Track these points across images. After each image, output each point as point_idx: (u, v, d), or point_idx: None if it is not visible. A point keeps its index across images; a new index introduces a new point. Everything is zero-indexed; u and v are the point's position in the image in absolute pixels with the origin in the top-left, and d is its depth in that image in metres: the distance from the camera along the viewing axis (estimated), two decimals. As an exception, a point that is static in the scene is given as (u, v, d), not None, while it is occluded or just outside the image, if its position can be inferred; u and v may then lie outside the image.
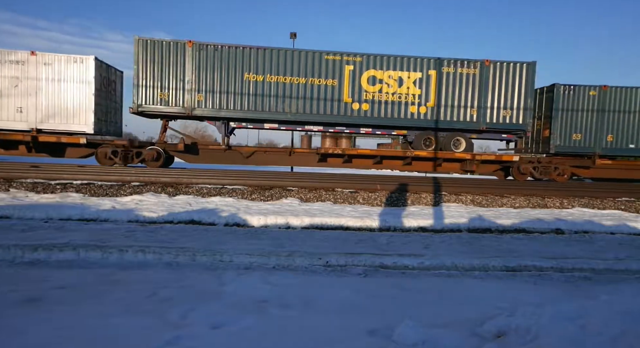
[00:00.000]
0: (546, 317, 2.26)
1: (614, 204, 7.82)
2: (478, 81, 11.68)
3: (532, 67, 11.67)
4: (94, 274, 2.96)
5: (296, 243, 4.21)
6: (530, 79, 11.69)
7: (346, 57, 11.46)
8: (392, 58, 11.59)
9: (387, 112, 11.67)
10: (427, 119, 11.77)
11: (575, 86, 12.25)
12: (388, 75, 11.57)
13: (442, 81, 11.67)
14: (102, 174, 8.48)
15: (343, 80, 11.52)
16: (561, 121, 12.34)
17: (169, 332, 2.00)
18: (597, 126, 12.33)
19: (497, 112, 11.84)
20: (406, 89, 11.64)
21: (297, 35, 18.55)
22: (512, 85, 11.73)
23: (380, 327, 2.14)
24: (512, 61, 11.74)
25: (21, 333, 1.96)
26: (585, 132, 12.36)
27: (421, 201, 7.75)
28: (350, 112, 11.61)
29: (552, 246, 4.55)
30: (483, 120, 11.79)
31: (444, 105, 11.80)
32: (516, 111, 11.79)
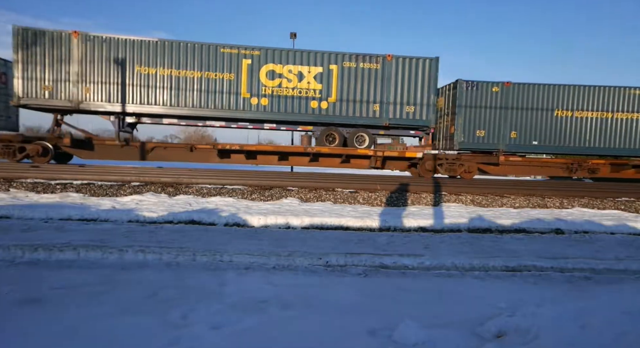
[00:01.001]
0: (546, 317, 2.26)
1: (614, 204, 7.82)
2: (380, 76, 11.56)
3: (435, 62, 11.57)
4: (94, 274, 2.96)
5: (296, 243, 4.21)
6: (434, 75, 11.59)
7: (244, 51, 11.27)
8: (291, 52, 11.42)
9: (287, 107, 11.51)
10: (329, 114, 11.61)
11: (478, 82, 12.18)
12: (288, 69, 11.41)
13: (343, 75, 11.53)
14: (102, 174, 8.48)
15: (241, 74, 11.32)
16: (465, 118, 12.26)
17: (169, 332, 2.00)
18: (500, 122, 12.28)
19: (401, 108, 11.72)
20: (307, 84, 11.49)
21: (297, 36, 18.53)
22: (415, 80, 11.63)
23: (380, 327, 2.14)
24: (415, 56, 11.63)
25: (21, 333, 1.96)
26: (489, 128, 12.31)
27: (421, 201, 7.75)
28: (249, 107, 11.41)
29: (552, 246, 4.54)
30: (386, 116, 11.67)
31: (346, 100, 11.65)
32: (420, 106, 11.70)
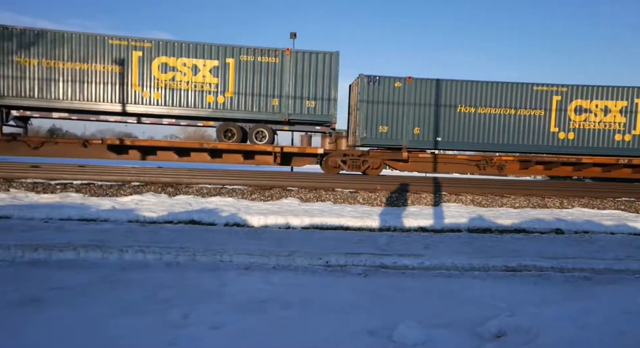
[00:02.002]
0: (546, 317, 2.26)
1: (614, 204, 7.82)
2: (280, 70, 11.37)
3: (335, 57, 11.43)
4: (94, 274, 2.96)
5: (296, 243, 4.21)
6: (335, 70, 11.45)
7: (133, 43, 10.97)
8: (185, 45, 11.14)
9: (182, 101, 11.22)
10: (226, 109, 11.39)
11: (380, 77, 11.97)
12: (182, 62, 11.14)
13: (241, 69, 11.30)
14: (102, 174, 8.48)
15: (131, 67, 11.01)
16: (367, 113, 12.02)
17: (169, 332, 2.00)
18: (403, 118, 12.08)
19: (301, 103, 11.54)
20: (202, 78, 11.24)
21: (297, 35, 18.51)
22: (316, 75, 11.46)
23: (380, 327, 2.14)
24: (315, 51, 11.49)
25: (21, 333, 1.96)
26: (391, 124, 12.09)
27: (421, 201, 7.74)
28: (142, 101, 11.11)
29: (552, 246, 4.54)
30: (286, 111, 11.50)
31: (244, 95, 11.42)
32: (320, 101, 11.54)
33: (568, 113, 12.18)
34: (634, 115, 12.16)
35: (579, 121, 12.20)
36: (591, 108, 12.16)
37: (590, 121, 12.20)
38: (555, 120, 12.21)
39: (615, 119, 12.17)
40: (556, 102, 12.16)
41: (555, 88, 12.19)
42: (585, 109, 12.17)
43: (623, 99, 12.14)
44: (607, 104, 12.15)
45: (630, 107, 12.16)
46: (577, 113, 12.16)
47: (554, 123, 12.23)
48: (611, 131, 12.22)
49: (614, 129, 12.21)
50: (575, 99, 12.16)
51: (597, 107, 12.16)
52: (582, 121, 12.21)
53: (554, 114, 12.18)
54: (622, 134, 12.23)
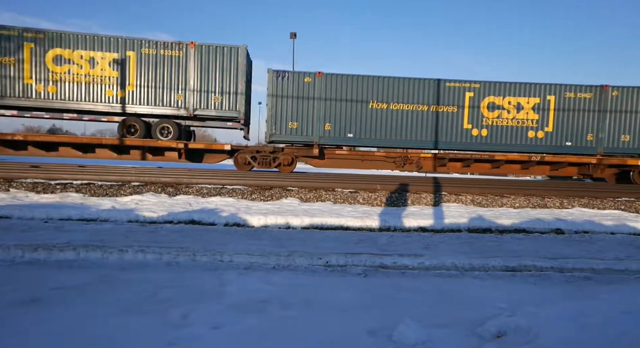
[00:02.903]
0: (546, 317, 2.26)
1: (614, 204, 7.82)
2: (184, 64, 11.14)
3: (242, 51, 11.30)
4: (94, 274, 2.96)
5: (296, 243, 4.21)
6: (242, 64, 11.31)
7: (25, 34, 10.61)
8: (81, 36, 10.85)
9: (79, 95, 10.87)
10: (127, 103, 11.10)
11: (289, 71, 11.82)
12: (79, 55, 10.79)
13: (142, 62, 11.03)
14: (102, 174, 8.48)
15: (22, 58, 10.61)
16: (276, 109, 11.84)
17: (169, 332, 2.00)
18: (314, 114, 11.91)
19: (207, 97, 11.35)
20: (100, 71, 10.89)
21: (297, 35, 18.55)
22: (222, 70, 11.30)
23: (380, 327, 2.14)
24: (221, 45, 11.31)
25: (21, 333, 1.96)
26: (302, 120, 11.90)
27: (421, 201, 7.74)
28: (35, 95, 10.71)
29: (552, 246, 4.54)
30: (191, 106, 11.31)
31: (147, 89, 11.15)
32: (228, 96, 11.38)
33: (481, 110, 12.10)
34: (546, 112, 12.12)
35: (492, 118, 12.12)
36: (504, 105, 12.10)
37: (503, 117, 12.14)
38: (469, 117, 12.12)
39: (528, 116, 12.14)
40: (469, 98, 12.06)
41: (467, 84, 12.08)
42: (498, 105, 12.10)
43: (535, 96, 12.09)
44: (520, 101, 12.11)
45: (543, 104, 12.13)
46: (490, 110, 12.08)
47: (467, 120, 12.13)
48: (524, 128, 12.16)
49: (527, 126, 12.16)
50: (488, 96, 12.06)
51: (509, 104, 12.10)
52: (495, 117, 12.13)
53: (466, 110, 12.09)
54: (535, 131, 12.17)
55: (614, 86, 12.11)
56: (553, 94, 12.08)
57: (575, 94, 12.06)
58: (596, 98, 12.08)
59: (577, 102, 12.10)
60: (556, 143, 12.19)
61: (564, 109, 12.13)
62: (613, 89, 12.10)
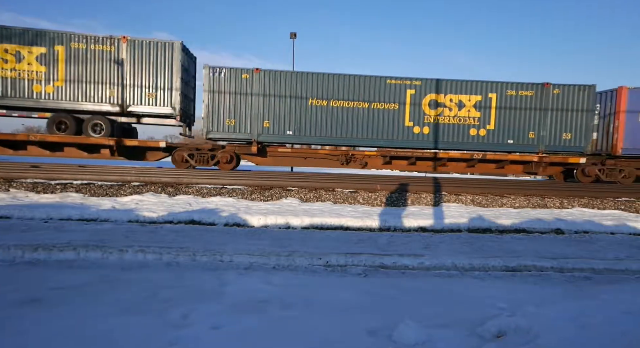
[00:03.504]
0: (546, 317, 2.26)
1: (614, 204, 7.82)
2: (117, 59, 10.96)
3: (177, 47, 11.17)
4: (94, 274, 2.96)
5: (296, 243, 4.21)
6: (177, 60, 11.15)
7: None
8: (5, 30, 10.62)
9: (5, 91, 10.66)
10: (56, 99, 10.84)
11: (226, 68, 11.62)
12: (3, 49, 10.60)
13: (72, 57, 10.81)
14: (102, 174, 8.48)
15: None
16: (214, 106, 11.56)
17: (169, 332, 2.00)
18: (251, 111, 11.69)
19: (141, 94, 11.16)
20: (27, 66, 10.66)
21: (297, 35, 18.54)
22: (156, 65, 11.12)
23: (380, 327, 2.14)
24: (155, 39, 11.18)
25: (21, 333, 1.96)
26: (239, 117, 11.68)
27: (421, 201, 7.74)
28: None
29: (552, 246, 4.54)
30: (125, 102, 11.09)
31: (77, 84, 10.91)
32: (163, 92, 11.21)
33: (422, 107, 11.95)
34: (488, 110, 12.00)
35: (433, 116, 11.97)
36: (445, 102, 11.94)
37: (444, 115, 11.98)
38: (410, 114, 11.96)
39: (469, 114, 12.00)
40: (410, 96, 11.90)
41: (408, 82, 11.90)
42: (440, 103, 11.94)
43: (477, 94, 11.94)
44: (462, 99, 11.96)
45: (484, 102, 11.98)
46: (431, 107, 11.95)
47: (409, 117, 11.97)
48: (466, 126, 12.03)
49: (468, 124, 12.02)
50: (430, 93, 11.90)
51: (451, 101, 11.95)
52: (437, 115, 11.97)
53: (408, 108, 11.93)
54: (477, 129, 12.03)
55: (555, 84, 12.02)
56: (495, 92, 11.92)
57: (516, 92, 11.98)
58: (538, 96, 11.99)
59: (518, 100, 12.01)
60: (498, 140, 12.07)
61: (506, 107, 12.03)
62: (554, 87, 12.02)
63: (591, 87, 12.01)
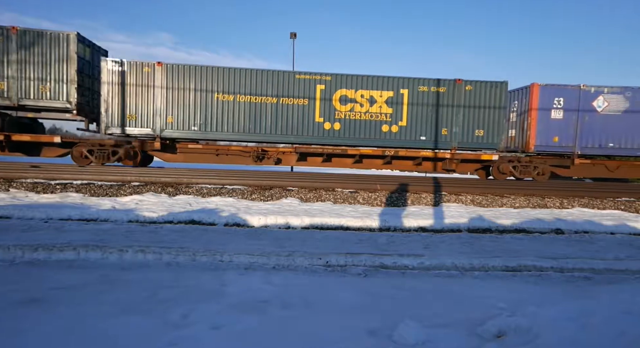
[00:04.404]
0: (546, 317, 2.26)
1: (614, 204, 7.82)
2: (5, 50, 10.60)
3: (72, 38, 10.86)
4: (94, 274, 2.96)
5: (296, 243, 4.21)
6: (73, 51, 10.82)
7: None
8: None
9: None
10: None
11: (128, 61, 11.29)
12: None
13: None
14: (102, 174, 8.48)
15: None
16: (114, 100, 11.14)
17: (169, 333, 2.00)
18: (153, 105, 11.34)
19: (35, 86, 10.75)
20: None
21: (297, 35, 18.53)
22: (49, 57, 10.73)
23: (380, 327, 2.14)
24: (47, 30, 10.80)
25: (21, 333, 1.96)
26: (143, 112, 11.32)
27: (421, 201, 7.74)
28: None
29: (552, 246, 4.55)
30: (16, 95, 10.73)
31: None
32: (58, 85, 10.82)
33: (333, 103, 11.77)
34: (400, 106, 11.85)
35: (344, 111, 11.80)
36: (356, 98, 11.77)
37: (356, 111, 11.82)
38: (320, 110, 11.75)
39: (381, 110, 11.84)
40: (320, 91, 11.71)
41: (318, 77, 11.70)
42: (351, 99, 11.76)
43: (389, 90, 11.79)
44: (373, 94, 11.78)
45: (396, 98, 11.83)
46: (342, 103, 11.78)
47: (319, 113, 11.77)
48: (378, 122, 11.88)
49: (380, 120, 11.87)
50: (340, 89, 11.73)
51: (362, 97, 11.78)
52: (348, 111, 11.80)
53: (318, 103, 11.73)
54: (389, 125, 11.88)
55: (467, 80, 11.90)
56: (406, 88, 11.80)
57: (428, 88, 11.85)
58: (450, 92, 11.88)
59: (431, 96, 11.82)
60: (411, 137, 11.94)
61: (418, 103, 11.89)
62: (466, 83, 11.88)
63: (503, 84, 11.95)
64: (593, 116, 12.30)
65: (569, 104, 12.28)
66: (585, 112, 12.26)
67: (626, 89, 12.20)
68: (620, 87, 12.22)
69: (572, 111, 12.29)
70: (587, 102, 12.27)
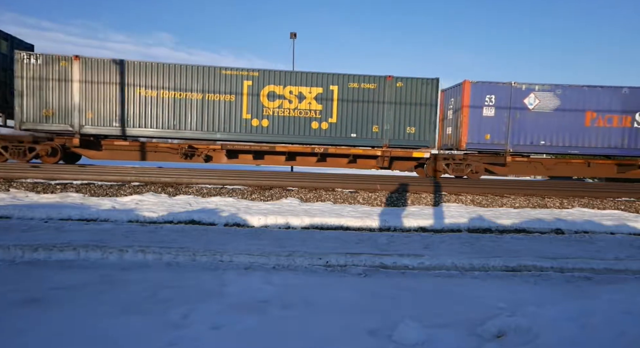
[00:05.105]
0: (546, 317, 2.26)
1: (614, 204, 7.82)
2: None
3: None
4: (94, 274, 2.96)
5: (296, 243, 4.21)
6: None
7: None
8: None
9: None
10: None
11: (43, 54, 10.89)
12: None
13: None
14: (102, 174, 8.48)
15: None
16: (29, 95, 10.74)
17: (169, 332, 2.00)
18: (71, 100, 10.94)
19: None
20: None
21: (297, 35, 18.54)
22: None
23: (380, 327, 2.14)
24: None
25: (21, 333, 1.96)
26: (60, 108, 10.93)
27: (421, 201, 7.75)
28: None
29: (552, 246, 4.55)
30: None
31: None
32: None
33: (261, 99, 11.59)
34: (329, 102, 11.67)
35: (273, 108, 11.63)
36: (285, 94, 11.60)
37: (284, 107, 11.65)
38: (248, 106, 11.58)
39: (310, 107, 11.66)
40: (247, 87, 11.53)
41: (245, 72, 11.52)
42: (279, 95, 11.60)
43: (318, 86, 11.63)
44: (302, 91, 11.61)
45: (326, 94, 11.66)
46: (270, 99, 11.60)
47: (247, 109, 11.60)
48: (308, 119, 11.71)
49: (310, 117, 11.71)
50: (268, 85, 11.56)
51: (291, 93, 11.61)
52: (277, 107, 11.63)
53: (245, 99, 11.57)
54: (318, 122, 11.73)
55: (398, 77, 11.76)
56: (336, 84, 11.63)
57: (359, 85, 11.71)
58: (380, 89, 11.73)
59: (361, 93, 11.70)
60: (341, 134, 11.79)
61: (348, 99, 11.73)
62: (397, 80, 11.65)
63: (434, 81, 11.85)
64: (525, 113, 12.20)
65: (500, 101, 12.16)
66: (517, 110, 12.16)
67: (557, 86, 12.14)
68: (551, 84, 12.14)
69: (504, 109, 12.17)
70: (518, 99, 12.16)
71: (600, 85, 12.23)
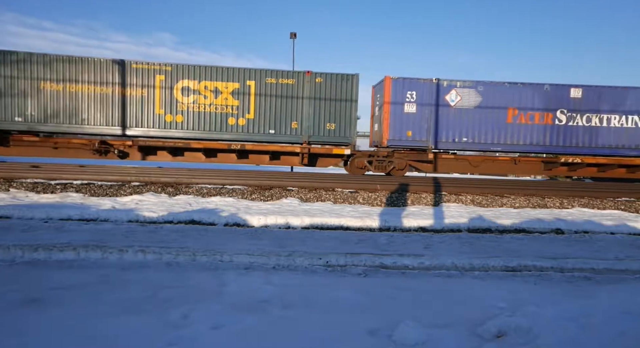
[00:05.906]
0: (546, 317, 2.26)
1: (614, 204, 7.82)
2: None
3: None
4: (94, 274, 2.96)
5: (296, 243, 4.21)
6: None
7: None
8: None
9: None
10: None
11: None
12: None
13: None
14: (102, 174, 8.48)
15: None
16: None
17: (169, 332, 2.00)
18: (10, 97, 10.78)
19: None
20: None
21: (297, 35, 18.52)
22: None
23: (380, 327, 2.14)
24: None
25: (21, 333, 1.96)
26: None
27: (421, 201, 7.74)
28: None
29: (552, 246, 4.54)
30: None
31: None
32: None
33: (174, 94, 11.40)
34: (247, 98, 11.56)
35: (187, 103, 11.45)
36: (200, 89, 11.46)
37: (199, 103, 11.49)
38: (161, 101, 11.38)
39: (227, 102, 11.55)
40: (160, 81, 11.35)
41: (157, 66, 11.34)
42: (194, 90, 11.44)
43: (235, 81, 11.52)
44: (218, 86, 11.49)
45: (243, 89, 11.55)
46: (184, 94, 11.42)
47: (159, 104, 11.40)
48: (224, 115, 11.58)
49: (226, 113, 11.58)
50: (182, 80, 11.40)
51: (206, 88, 11.47)
52: (191, 103, 11.46)
53: (157, 94, 11.37)
54: (235, 118, 11.62)
55: (318, 72, 11.66)
56: (253, 80, 11.53)
57: (277, 80, 11.55)
58: (299, 84, 11.61)
59: (279, 88, 11.58)
60: (259, 130, 11.67)
61: (266, 94, 11.59)
62: (316, 75, 11.64)
63: (354, 77, 11.75)
64: (447, 110, 12.07)
65: (422, 98, 12.03)
66: (439, 107, 12.06)
67: (478, 83, 12.04)
68: (472, 81, 12.04)
69: (426, 105, 12.03)
70: (440, 96, 12.06)
71: (522, 82, 12.12)
